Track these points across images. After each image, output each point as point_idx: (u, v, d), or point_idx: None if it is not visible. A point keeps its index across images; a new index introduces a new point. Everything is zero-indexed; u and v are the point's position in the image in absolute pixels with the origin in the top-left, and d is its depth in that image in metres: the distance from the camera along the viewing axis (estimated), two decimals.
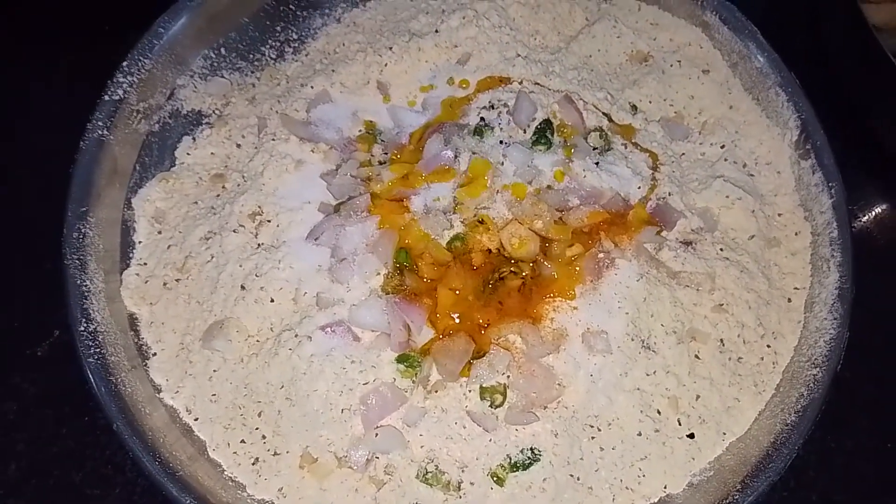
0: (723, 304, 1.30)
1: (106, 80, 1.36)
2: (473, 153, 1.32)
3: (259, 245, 1.31)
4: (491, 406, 1.20)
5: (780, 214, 1.40)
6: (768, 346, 1.30)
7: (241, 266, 1.29)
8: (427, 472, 1.18)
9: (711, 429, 1.25)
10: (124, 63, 1.37)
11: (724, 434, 1.26)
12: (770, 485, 1.18)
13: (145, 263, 1.34)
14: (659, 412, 1.25)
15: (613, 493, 1.22)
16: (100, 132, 1.33)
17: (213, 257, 1.32)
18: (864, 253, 1.33)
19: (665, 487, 1.23)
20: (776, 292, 1.34)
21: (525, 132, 1.36)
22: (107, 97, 1.35)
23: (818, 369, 1.25)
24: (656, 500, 1.23)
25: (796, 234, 1.38)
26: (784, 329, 1.32)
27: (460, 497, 1.19)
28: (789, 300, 1.34)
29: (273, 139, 1.39)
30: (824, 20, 1.65)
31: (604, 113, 1.42)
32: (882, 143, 1.58)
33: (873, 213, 1.59)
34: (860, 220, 1.57)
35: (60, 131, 1.31)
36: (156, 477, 1.14)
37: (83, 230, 1.28)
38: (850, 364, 1.25)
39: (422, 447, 1.20)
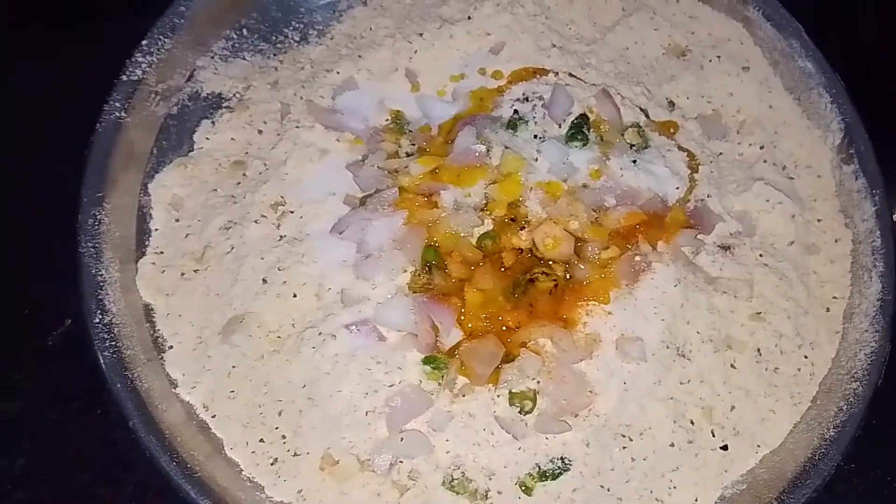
0: (760, 313, 1.26)
1: (124, 60, 1.30)
2: (506, 147, 1.27)
3: (281, 237, 1.27)
4: (520, 412, 1.16)
5: (819, 220, 1.35)
6: (806, 357, 1.26)
7: (262, 258, 1.24)
8: (453, 479, 1.15)
9: (745, 441, 1.22)
10: (143, 42, 1.32)
11: (759, 447, 1.22)
12: (806, 501, 1.15)
13: (162, 252, 1.29)
14: (692, 422, 1.21)
15: None
16: (117, 114, 1.28)
17: (233, 248, 1.27)
18: None
19: (696, 500, 1.20)
20: (814, 301, 1.29)
21: (560, 127, 1.31)
22: (125, 77, 1.30)
23: (858, 383, 1.21)
24: None
25: (836, 241, 1.34)
26: (822, 339, 1.28)
27: None
28: (828, 310, 1.30)
29: (297, 126, 1.34)
30: (866, 21, 1.59)
31: (641, 108, 1.37)
32: None
33: None
34: None
35: (76, 113, 1.26)
36: (172, 477, 1.11)
37: (98, 216, 1.23)
38: (890, 377, 1.21)
39: (448, 453, 1.16)
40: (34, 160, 1.41)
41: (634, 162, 1.29)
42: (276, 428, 1.18)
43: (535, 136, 1.29)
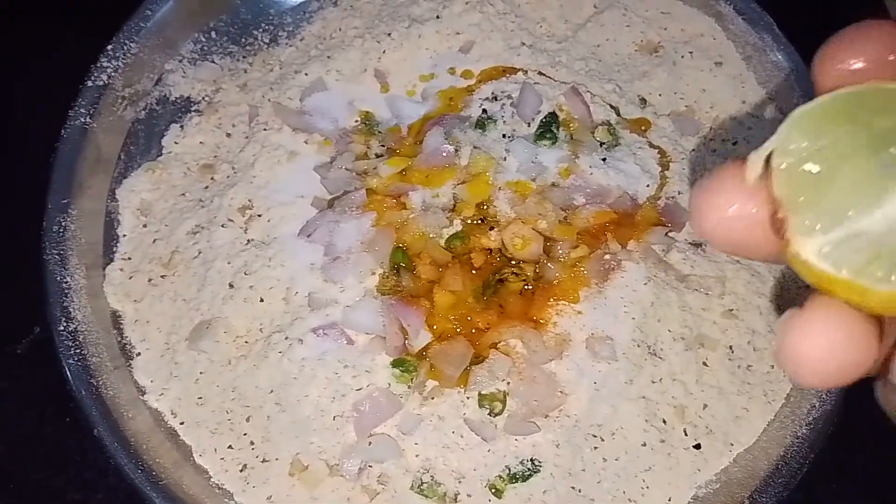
0: (733, 310, 1.25)
1: (90, 65, 1.29)
2: (475, 147, 1.26)
3: (249, 241, 1.26)
4: (490, 414, 1.15)
5: None
6: None
7: (229, 263, 1.23)
8: (422, 483, 1.13)
9: (719, 439, 1.20)
10: (109, 47, 1.31)
11: (732, 445, 1.21)
12: (779, 499, 1.14)
13: (130, 258, 1.28)
14: (664, 421, 1.20)
15: None
16: (83, 119, 1.27)
17: (200, 253, 1.26)
18: None
19: (669, 500, 1.18)
20: (788, 296, 1.28)
21: (529, 126, 1.30)
22: (90, 83, 1.29)
23: None
24: None
25: None
26: None
27: None
28: (801, 306, 1.28)
29: (265, 129, 1.33)
30: (842, 14, 1.58)
31: (611, 106, 1.36)
32: None
33: None
34: None
35: (41, 119, 1.26)
36: (139, 485, 1.10)
37: (64, 223, 1.22)
38: None
39: (417, 456, 1.15)
40: (4, 166, 1.41)
41: (604, 160, 1.28)
42: (245, 434, 1.17)
43: (504, 136, 1.28)
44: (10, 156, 1.42)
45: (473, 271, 1.21)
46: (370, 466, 1.15)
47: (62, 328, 1.16)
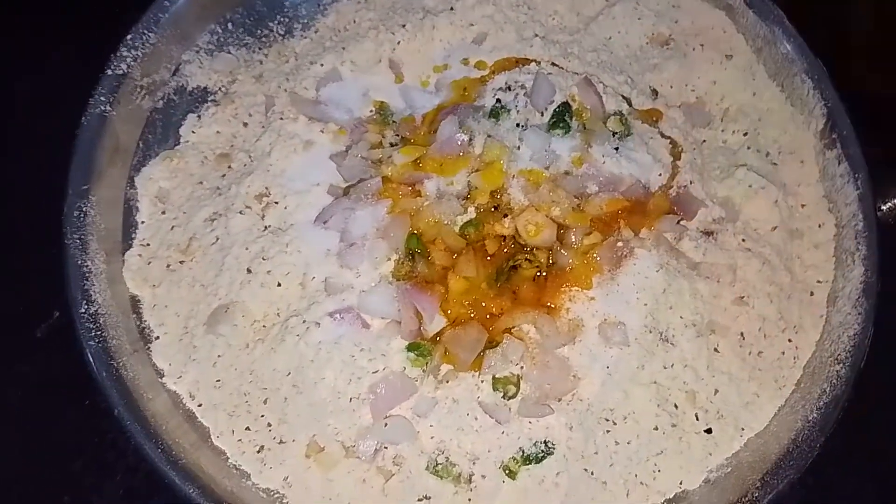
0: (743, 297, 1.26)
1: (109, 55, 1.31)
2: (489, 136, 1.27)
3: (266, 227, 1.28)
4: (504, 397, 1.17)
5: (803, 205, 1.35)
6: (789, 341, 1.27)
7: (247, 249, 1.25)
8: (437, 464, 1.15)
9: (729, 424, 1.22)
10: (128, 37, 1.33)
11: (743, 430, 1.23)
12: (790, 482, 1.15)
13: (148, 244, 1.30)
14: (676, 406, 1.21)
15: (628, 488, 1.19)
16: (102, 108, 1.29)
17: (217, 239, 1.28)
18: (888, 247, 1.28)
19: (681, 483, 1.20)
20: (798, 285, 1.30)
21: (542, 115, 1.31)
22: (110, 72, 1.31)
23: (841, 365, 1.21)
24: (671, 496, 1.20)
25: (820, 225, 1.34)
26: (806, 323, 1.28)
27: (471, 490, 1.16)
28: (811, 294, 1.30)
29: (281, 118, 1.35)
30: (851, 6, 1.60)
31: (623, 97, 1.37)
32: None
33: None
34: (884, 214, 1.52)
35: (62, 107, 1.27)
36: (158, 465, 1.12)
37: (84, 209, 1.24)
38: (873, 360, 1.21)
39: (432, 438, 1.16)
40: (22, 155, 1.43)
41: (616, 149, 1.29)
42: (262, 416, 1.19)
43: (518, 125, 1.30)
44: (28, 143, 1.44)
45: (487, 258, 1.23)
46: (385, 448, 1.16)
47: (83, 311, 1.18)
